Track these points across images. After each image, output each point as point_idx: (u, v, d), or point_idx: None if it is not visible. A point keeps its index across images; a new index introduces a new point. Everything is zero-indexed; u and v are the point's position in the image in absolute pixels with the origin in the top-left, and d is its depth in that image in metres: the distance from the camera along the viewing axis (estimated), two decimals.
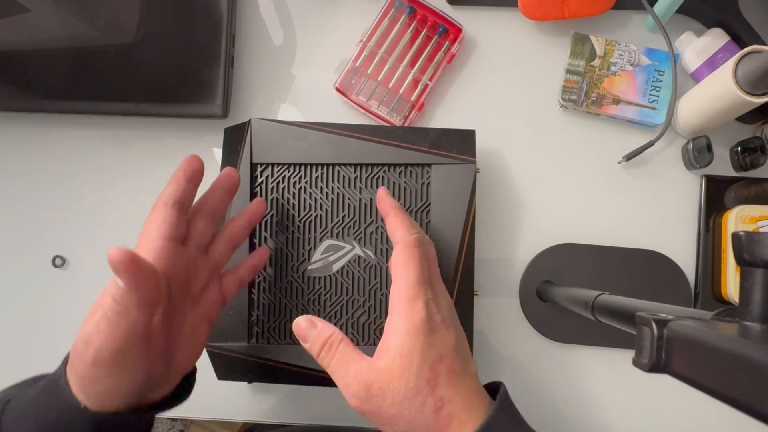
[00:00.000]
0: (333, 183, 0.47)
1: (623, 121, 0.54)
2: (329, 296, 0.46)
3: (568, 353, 0.53)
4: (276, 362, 0.46)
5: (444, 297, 0.36)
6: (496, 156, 0.55)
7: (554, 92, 0.56)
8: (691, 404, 0.52)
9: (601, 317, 0.36)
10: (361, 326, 0.46)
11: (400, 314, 0.33)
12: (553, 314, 0.52)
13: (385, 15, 0.54)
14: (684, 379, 0.22)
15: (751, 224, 0.49)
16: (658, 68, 0.53)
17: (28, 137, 0.58)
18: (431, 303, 0.34)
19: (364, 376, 0.32)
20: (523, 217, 0.54)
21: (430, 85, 0.54)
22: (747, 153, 0.51)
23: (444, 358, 0.33)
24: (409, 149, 0.47)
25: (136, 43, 0.54)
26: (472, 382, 0.34)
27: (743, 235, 0.24)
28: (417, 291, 0.34)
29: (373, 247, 0.46)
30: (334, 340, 0.34)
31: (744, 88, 0.43)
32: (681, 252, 0.53)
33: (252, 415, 0.53)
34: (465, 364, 0.34)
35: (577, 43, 0.54)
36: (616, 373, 0.52)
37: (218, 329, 0.46)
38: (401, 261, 0.35)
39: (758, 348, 0.18)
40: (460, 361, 0.33)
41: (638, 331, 0.24)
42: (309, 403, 0.53)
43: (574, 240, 0.53)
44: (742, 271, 0.24)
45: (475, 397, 0.33)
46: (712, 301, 0.51)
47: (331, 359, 0.34)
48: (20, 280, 0.57)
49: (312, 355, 0.35)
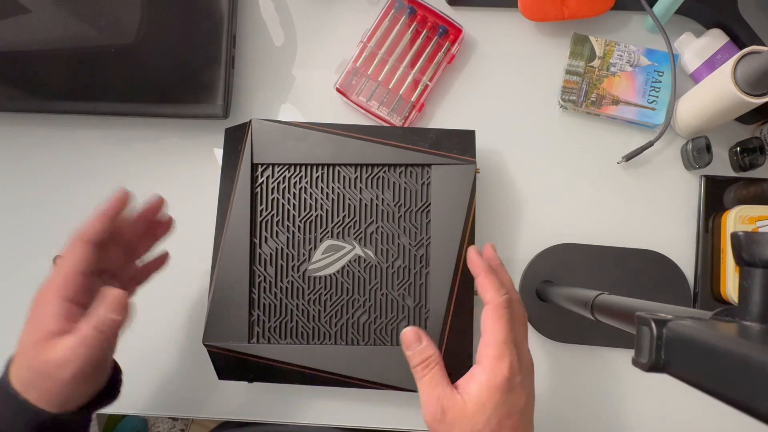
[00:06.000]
0: (333, 183, 0.47)
1: (623, 121, 0.54)
2: (330, 296, 0.46)
3: (567, 353, 0.53)
4: (276, 362, 0.46)
5: (525, 358, 0.39)
6: (496, 156, 0.55)
7: (554, 93, 0.56)
8: (690, 404, 0.52)
9: (601, 317, 0.36)
10: (361, 326, 0.46)
11: (485, 369, 0.37)
12: (552, 314, 0.52)
13: (386, 16, 0.55)
14: (683, 379, 0.22)
15: (750, 224, 0.49)
16: (658, 69, 0.53)
17: (29, 137, 0.58)
18: (515, 364, 0.37)
19: (444, 401, 0.37)
20: (523, 217, 0.55)
21: (430, 85, 0.54)
22: (746, 153, 0.51)
23: (511, 416, 0.36)
24: (409, 149, 0.47)
25: (137, 44, 0.54)
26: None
27: (742, 236, 0.24)
28: (503, 351, 0.37)
29: (374, 247, 0.46)
30: (433, 361, 0.38)
31: (743, 89, 0.44)
32: (680, 252, 0.53)
33: (252, 415, 0.54)
34: (526, 427, 0.38)
35: (576, 43, 0.54)
36: (615, 373, 0.53)
37: (219, 329, 0.46)
38: (490, 322, 0.38)
39: (757, 348, 0.18)
40: (523, 422, 0.37)
41: (637, 331, 0.24)
42: (309, 403, 0.53)
43: (573, 240, 0.53)
44: (741, 271, 0.24)
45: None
46: (712, 300, 0.51)
47: (424, 376, 0.38)
48: (21, 280, 0.57)
49: (409, 363, 0.39)
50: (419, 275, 0.46)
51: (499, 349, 0.37)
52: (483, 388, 0.36)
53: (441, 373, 0.38)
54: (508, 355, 0.37)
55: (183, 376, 0.54)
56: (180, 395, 0.54)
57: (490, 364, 0.37)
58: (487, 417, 0.36)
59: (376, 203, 0.47)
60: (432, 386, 0.38)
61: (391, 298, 0.46)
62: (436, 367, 0.38)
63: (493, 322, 0.38)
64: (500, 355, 0.37)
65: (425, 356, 0.39)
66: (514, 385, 0.37)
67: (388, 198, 0.47)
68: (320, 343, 0.46)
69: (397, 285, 0.46)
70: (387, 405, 0.53)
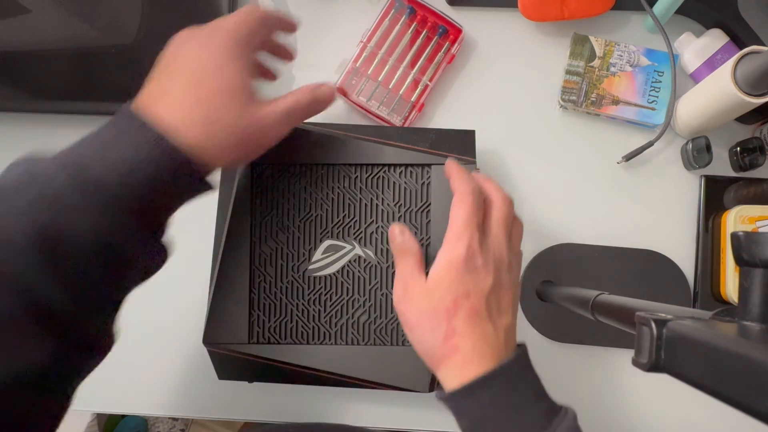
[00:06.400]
0: (333, 183, 0.47)
1: (623, 121, 0.54)
2: (330, 296, 0.46)
3: (567, 353, 0.53)
4: (276, 362, 0.46)
5: (498, 249, 0.38)
6: (496, 156, 0.55)
7: (554, 93, 0.56)
8: (690, 404, 0.52)
9: (601, 317, 0.36)
10: (361, 326, 0.46)
11: (444, 248, 0.37)
12: (552, 314, 0.52)
13: (386, 16, 0.55)
14: (683, 379, 0.22)
15: (750, 224, 0.49)
16: (658, 69, 0.53)
17: (29, 137, 0.58)
18: (474, 245, 0.36)
19: (408, 281, 0.38)
20: (523, 217, 0.54)
21: (430, 85, 0.54)
22: (746, 153, 0.51)
23: (470, 296, 0.36)
24: (409, 149, 0.47)
25: (137, 44, 0.54)
26: (495, 330, 0.36)
27: (742, 235, 0.24)
28: (461, 232, 0.37)
29: (374, 247, 0.46)
30: (408, 250, 0.40)
31: (743, 89, 0.44)
32: (680, 252, 0.53)
33: (252, 415, 0.54)
34: (495, 312, 0.37)
35: (576, 43, 0.54)
36: (615, 373, 0.53)
37: (218, 329, 0.46)
38: (454, 207, 0.38)
39: (757, 347, 0.18)
40: (489, 306, 0.36)
41: (638, 331, 0.24)
42: (309, 403, 0.53)
43: (573, 240, 0.53)
44: (741, 271, 0.24)
45: (494, 344, 0.36)
46: (712, 300, 0.51)
47: (398, 262, 0.40)
48: None
49: (392, 251, 0.41)
50: None
51: (458, 230, 0.37)
52: (439, 265, 0.37)
53: (415, 260, 0.39)
54: (466, 236, 0.36)
55: (183, 376, 0.54)
56: (180, 395, 0.54)
57: (447, 243, 0.37)
58: (441, 293, 0.36)
59: (376, 203, 0.47)
60: (403, 270, 0.39)
61: (391, 298, 0.46)
62: (411, 256, 0.39)
63: (455, 208, 0.38)
64: (458, 235, 0.37)
65: (405, 246, 0.40)
66: (476, 267, 0.36)
67: (388, 198, 0.47)
68: (320, 343, 0.46)
69: None
70: (387, 405, 0.53)
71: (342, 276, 0.46)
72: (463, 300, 0.35)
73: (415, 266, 0.39)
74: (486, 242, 0.38)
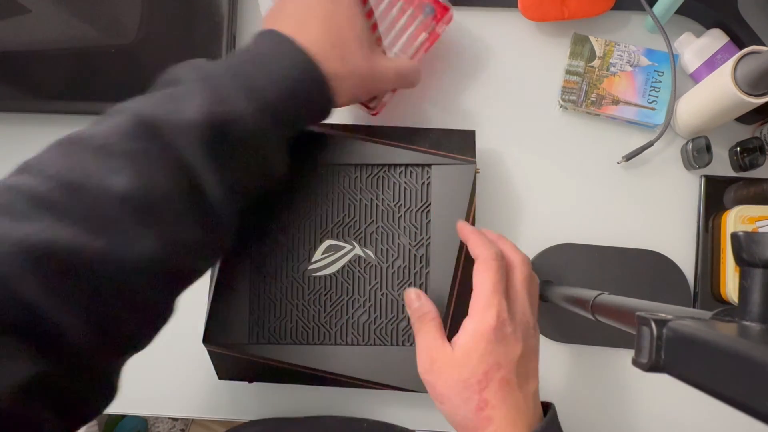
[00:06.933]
0: (333, 183, 0.47)
1: (623, 121, 0.54)
2: (329, 296, 0.46)
3: (567, 353, 0.53)
4: (276, 362, 0.46)
5: (523, 314, 0.38)
6: (496, 156, 0.55)
7: (554, 92, 0.56)
8: (690, 404, 0.52)
9: (601, 317, 0.36)
10: (361, 326, 0.46)
11: (472, 318, 0.37)
12: (552, 314, 0.52)
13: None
14: (683, 379, 0.22)
15: (750, 224, 0.49)
16: (658, 69, 0.53)
17: (28, 137, 0.58)
18: (504, 314, 0.36)
19: (434, 352, 0.37)
20: (523, 217, 0.55)
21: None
22: (746, 153, 0.51)
23: (501, 367, 0.36)
24: (409, 149, 0.47)
25: (137, 44, 0.54)
26: (524, 398, 0.36)
27: (742, 236, 0.24)
28: (490, 300, 0.36)
29: (374, 247, 0.46)
30: (427, 316, 0.39)
31: (743, 89, 0.44)
32: (680, 252, 0.53)
33: (252, 415, 0.54)
34: (523, 379, 0.37)
35: (576, 43, 0.54)
36: (615, 373, 0.53)
37: (218, 329, 0.46)
38: (479, 275, 0.38)
39: (757, 347, 0.18)
40: (518, 374, 0.36)
41: (638, 331, 0.24)
42: (309, 403, 0.53)
43: (573, 240, 0.53)
44: (741, 271, 0.24)
45: (524, 411, 0.36)
46: (712, 300, 0.51)
47: (419, 329, 0.39)
48: None
49: (410, 317, 0.41)
50: (419, 275, 0.46)
51: (486, 299, 0.36)
52: (469, 336, 0.36)
53: (436, 328, 0.39)
54: (495, 305, 0.36)
55: (183, 376, 0.54)
56: (180, 395, 0.54)
57: (476, 314, 0.36)
58: (472, 366, 0.35)
59: (376, 203, 0.46)
60: (425, 339, 0.38)
61: (391, 298, 0.46)
62: (432, 323, 0.39)
63: (481, 274, 0.38)
64: (487, 304, 0.36)
65: (422, 312, 0.40)
66: (505, 335, 0.36)
67: (388, 198, 0.47)
68: (320, 343, 0.46)
69: (397, 285, 0.46)
70: (387, 405, 0.53)
71: (342, 276, 0.46)
72: (494, 372, 0.35)
73: (437, 333, 0.38)
74: (513, 309, 0.38)
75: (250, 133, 0.36)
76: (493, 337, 0.35)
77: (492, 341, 0.35)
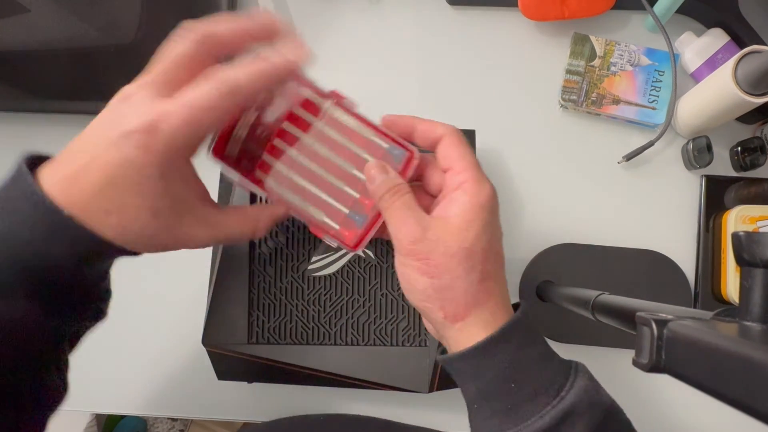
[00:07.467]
0: None
1: (623, 121, 0.54)
2: (329, 296, 0.46)
3: (568, 353, 0.53)
4: (276, 362, 0.46)
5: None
6: (496, 156, 0.55)
7: (554, 92, 0.56)
8: (691, 404, 0.52)
9: (601, 317, 0.36)
10: (361, 326, 0.46)
11: (466, 190, 0.33)
12: (552, 314, 0.52)
13: None
14: (684, 379, 0.22)
15: (751, 224, 0.49)
16: (658, 68, 0.53)
17: (28, 137, 0.58)
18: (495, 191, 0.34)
19: (423, 221, 0.33)
20: (523, 217, 0.54)
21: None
22: (747, 153, 0.51)
23: (497, 241, 0.34)
24: None
25: (137, 43, 0.54)
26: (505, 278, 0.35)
27: (743, 235, 0.24)
28: (481, 174, 0.34)
29: (373, 247, 0.46)
30: (402, 188, 0.34)
31: (744, 88, 0.44)
32: (681, 252, 0.53)
33: (252, 415, 0.54)
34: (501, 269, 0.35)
35: (577, 43, 0.54)
36: (615, 373, 0.52)
37: (218, 329, 0.46)
38: (455, 149, 0.34)
39: (758, 348, 0.18)
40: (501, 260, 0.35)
41: (638, 331, 0.24)
42: (309, 404, 0.53)
43: (574, 240, 0.53)
44: (742, 271, 0.24)
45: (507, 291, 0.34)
46: (712, 301, 0.51)
47: (395, 201, 0.34)
48: None
49: (374, 196, 0.35)
50: None
51: (477, 171, 0.34)
52: (467, 206, 0.33)
53: (413, 200, 0.34)
54: (486, 178, 0.34)
55: (183, 377, 0.54)
56: (180, 395, 0.54)
57: (470, 186, 0.33)
58: (476, 234, 0.32)
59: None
60: (406, 210, 0.33)
61: (391, 298, 0.46)
62: (408, 194, 0.34)
63: (457, 148, 0.34)
64: (479, 176, 0.33)
65: (394, 183, 0.34)
66: (497, 211, 0.34)
67: None
68: (320, 343, 0.46)
69: (397, 285, 0.46)
70: (387, 405, 0.53)
71: (342, 276, 0.46)
72: (494, 243, 0.33)
73: (417, 205, 0.34)
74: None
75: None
76: (490, 210, 0.33)
77: (490, 213, 0.33)
